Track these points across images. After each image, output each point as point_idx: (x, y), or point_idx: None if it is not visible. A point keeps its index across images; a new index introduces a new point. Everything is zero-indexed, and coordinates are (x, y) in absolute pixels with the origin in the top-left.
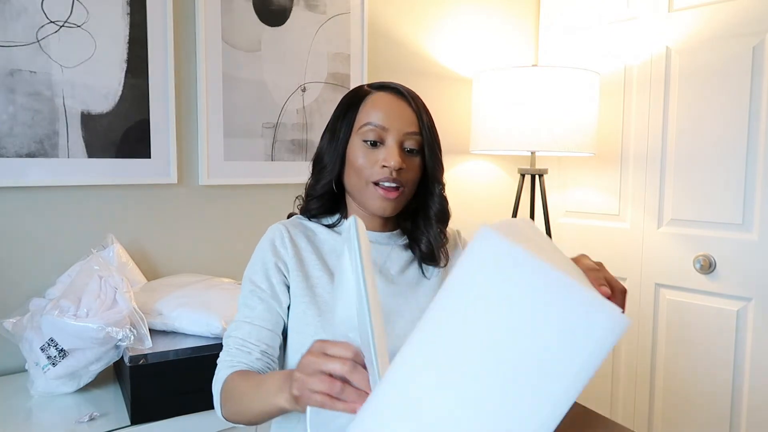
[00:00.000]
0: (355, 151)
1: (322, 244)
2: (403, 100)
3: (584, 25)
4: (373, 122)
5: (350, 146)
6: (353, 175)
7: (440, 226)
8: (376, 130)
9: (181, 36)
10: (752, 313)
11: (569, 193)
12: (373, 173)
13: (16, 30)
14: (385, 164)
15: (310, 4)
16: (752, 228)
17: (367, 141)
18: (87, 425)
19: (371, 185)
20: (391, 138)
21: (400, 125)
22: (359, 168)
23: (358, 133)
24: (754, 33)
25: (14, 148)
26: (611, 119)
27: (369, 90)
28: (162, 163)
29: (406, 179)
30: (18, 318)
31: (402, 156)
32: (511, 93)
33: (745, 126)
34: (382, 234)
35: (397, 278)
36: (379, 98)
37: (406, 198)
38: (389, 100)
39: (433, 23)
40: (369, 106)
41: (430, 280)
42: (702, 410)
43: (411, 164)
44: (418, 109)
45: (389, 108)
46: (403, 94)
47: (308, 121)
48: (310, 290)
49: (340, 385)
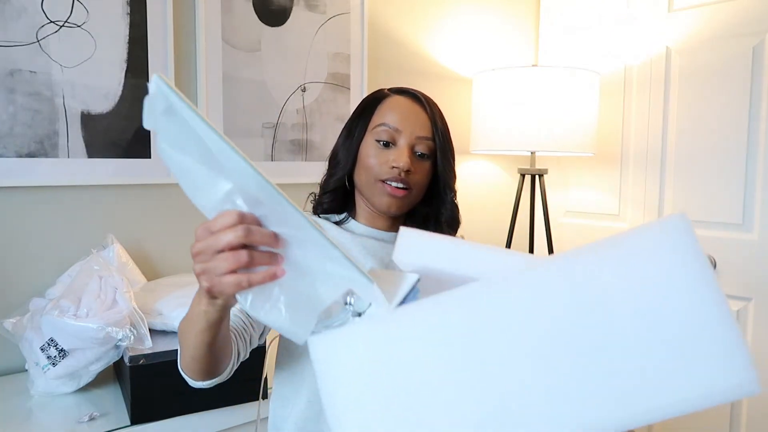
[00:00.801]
0: (368, 150)
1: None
2: (419, 104)
3: (584, 25)
4: (387, 123)
5: (364, 144)
6: (363, 172)
7: (450, 233)
8: (389, 131)
9: (181, 36)
10: (752, 313)
11: (569, 193)
12: (381, 172)
13: (16, 30)
14: (394, 165)
15: (310, 4)
16: (752, 228)
17: (380, 141)
18: (87, 425)
19: (379, 182)
20: (403, 140)
21: (413, 128)
22: (369, 166)
23: (372, 132)
24: (754, 33)
25: (14, 148)
26: (611, 119)
27: (388, 93)
28: (162, 163)
29: (415, 182)
30: (18, 318)
31: (412, 158)
32: (511, 93)
33: (745, 126)
34: (390, 233)
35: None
36: (396, 101)
37: (413, 200)
38: (405, 104)
39: (433, 23)
40: (385, 108)
41: None
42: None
43: (420, 168)
44: (433, 114)
45: (404, 111)
46: (420, 99)
47: (308, 121)
48: None
49: (246, 253)
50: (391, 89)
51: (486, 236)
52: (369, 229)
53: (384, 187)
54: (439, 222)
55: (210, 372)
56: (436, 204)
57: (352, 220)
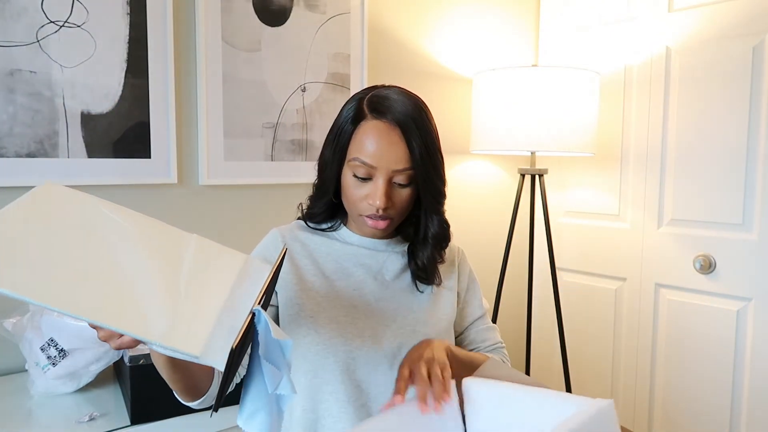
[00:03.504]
0: (347, 179)
1: (316, 250)
2: (395, 131)
3: (584, 25)
4: (360, 158)
5: (343, 173)
6: (345, 200)
7: (437, 249)
8: (364, 167)
9: (181, 36)
10: (752, 313)
11: (569, 193)
12: (360, 207)
13: (16, 30)
14: (370, 203)
15: (310, 4)
16: (752, 228)
17: (356, 176)
18: (87, 425)
19: (360, 216)
20: (379, 175)
21: (389, 163)
22: (349, 197)
23: (348, 165)
24: (754, 33)
25: (14, 148)
26: (611, 119)
27: (365, 112)
28: (162, 163)
29: (395, 210)
30: (18, 318)
31: (389, 192)
32: (511, 93)
33: (745, 126)
34: (381, 241)
35: (391, 283)
36: (371, 129)
37: (397, 222)
38: (380, 134)
39: (433, 23)
40: (360, 137)
41: (422, 293)
42: (702, 410)
43: (400, 196)
44: (411, 141)
45: (379, 143)
46: (396, 125)
47: (308, 121)
48: (303, 293)
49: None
50: (370, 107)
51: (486, 236)
52: (359, 237)
53: (365, 219)
54: (426, 237)
55: (191, 393)
56: (425, 220)
57: (344, 227)
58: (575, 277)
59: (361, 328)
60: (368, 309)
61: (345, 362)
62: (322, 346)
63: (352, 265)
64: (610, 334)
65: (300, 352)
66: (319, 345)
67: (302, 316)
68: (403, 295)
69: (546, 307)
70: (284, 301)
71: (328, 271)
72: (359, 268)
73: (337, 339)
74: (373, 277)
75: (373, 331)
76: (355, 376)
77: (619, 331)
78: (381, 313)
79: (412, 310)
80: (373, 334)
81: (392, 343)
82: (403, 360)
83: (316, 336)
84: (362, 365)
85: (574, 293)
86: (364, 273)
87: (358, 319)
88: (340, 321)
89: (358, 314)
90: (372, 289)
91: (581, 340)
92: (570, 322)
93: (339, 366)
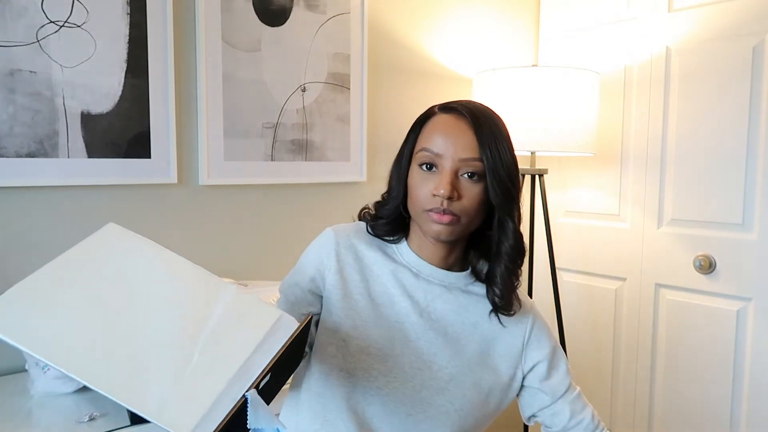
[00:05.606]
0: (414, 177)
1: (368, 267)
2: (464, 121)
3: (584, 25)
4: (427, 147)
5: (411, 172)
6: (412, 203)
7: (513, 265)
8: (430, 155)
9: (181, 36)
10: (752, 313)
11: (569, 193)
12: (426, 202)
13: (16, 30)
14: (435, 192)
15: (310, 4)
16: (752, 228)
17: (422, 166)
18: (87, 425)
19: (425, 212)
20: (445, 164)
21: (455, 151)
22: (415, 196)
23: (415, 158)
24: (754, 33)
25: (14, 148)
26: (611, 119)
27: (434, 112)
28: (162, 163)
29: (462, 208)
30: None
31: (455, 183)
32: (511, 93)
33: (745, 126)
34: (433, 269)
35: (435, 322)
36: (438, 121)
37: (465, 227)
38: (448, 123)
39: (433, 23)
40: (428, 130)
41: (468, 345)
42: (702, 410)
43: (468, 191)
44: (481, 131)
45: (446, 132)
46: (466, 115)
47: (308, 121)
48: (344, 311)
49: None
50: (440, 106)
51: None
52: (414, 257)
53: (430, 215)
54: (500, 253)
55: None
56: (497, 232)
57: (404, 242)
58: (575, 277)
59: (389, 368)
60: (405, 346)
61: (358, 400)
62: (345, 373)
63: (399, 294)
64: (610, 334)
65: (324, 367)
66: (342, 371)
67: (336, 336)
68: (446, 339)
69: (546, 307)
70: (326, 314)
71: (375, 293)
72: (398, 288)
73: (360, 372)
74: (419, 314)
75: (401, 372)
76: (365, 416)
77: (619, 331)
78: (417, 353)
79: (452, 362)
80: (402, 376)
81: (418, 393)
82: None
83: (342, 360)
84: (378, 408)
85: (574, 293)
86: (401, 295)
87: (389, 357)
88: (371, 353)
89: (394, 349)
90: (414, 323)
91: (581, 340)
92: (570, 322)
93: (348, 404)
